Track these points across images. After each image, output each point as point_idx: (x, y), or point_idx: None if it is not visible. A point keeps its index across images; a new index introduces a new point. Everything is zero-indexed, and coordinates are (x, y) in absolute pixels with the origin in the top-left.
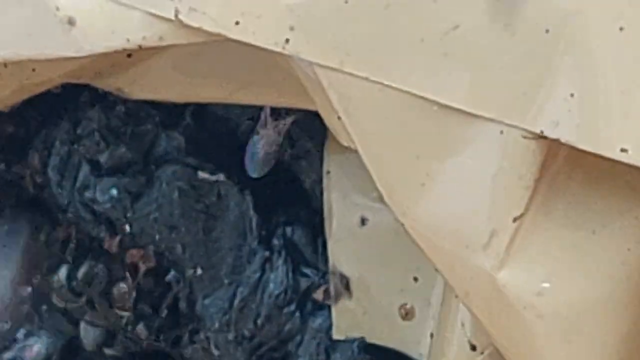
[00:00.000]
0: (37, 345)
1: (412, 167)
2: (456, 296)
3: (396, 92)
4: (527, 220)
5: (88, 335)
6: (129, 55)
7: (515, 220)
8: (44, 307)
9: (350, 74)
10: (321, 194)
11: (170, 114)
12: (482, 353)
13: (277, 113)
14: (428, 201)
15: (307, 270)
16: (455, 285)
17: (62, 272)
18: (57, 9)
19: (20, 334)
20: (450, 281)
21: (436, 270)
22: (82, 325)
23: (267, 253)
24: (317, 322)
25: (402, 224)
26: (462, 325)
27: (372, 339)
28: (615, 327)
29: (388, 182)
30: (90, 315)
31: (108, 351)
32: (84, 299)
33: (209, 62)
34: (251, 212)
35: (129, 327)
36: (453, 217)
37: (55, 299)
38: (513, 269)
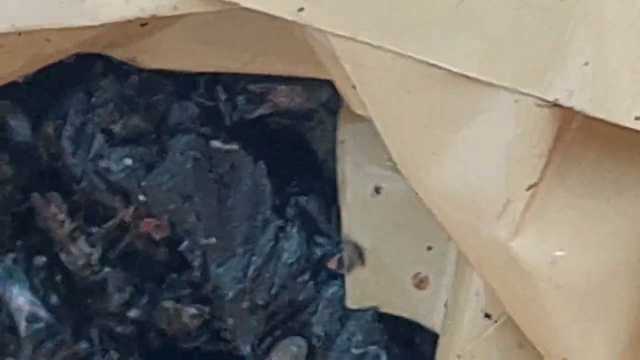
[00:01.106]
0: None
1: (426, 136)
2: (470, 265)
3: (410, 61)
4: (541, 188)
5: (105, 300)
6: (143, 25)
7: (529, 188)
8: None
9: (364, 43)
10: (335, 163)
11: (183, 83)
12: (496, 322)
13: None
14: (442, 170)
15: (320, 240)
16: (469, 255)
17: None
18: None
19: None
20: (464, 250)
21: (450, 239)
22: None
23: (280, 222)
24: (330, 291)
25: (416, 193)
26: (476, 294)
27: (385, 309)
28: (630, 295)
29: (402, 151)
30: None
31: (131, 313)
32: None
33: (223, 31)
34: (265, 181)
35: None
36: (467, 186)
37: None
38: (527, 238)
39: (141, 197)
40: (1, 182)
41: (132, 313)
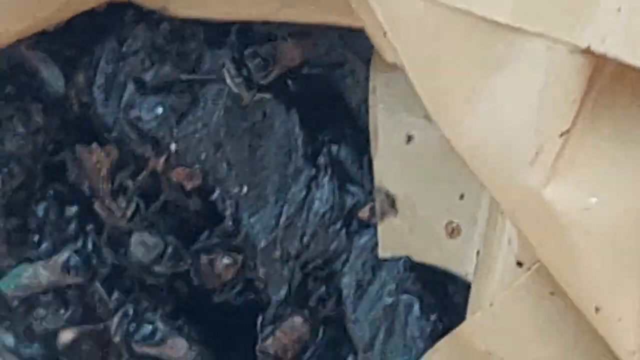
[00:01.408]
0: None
1: (458, 83)
2: (502, 213)
3: (442, 8)
4: (573, 135)
5: (138, 251)
6: None
7: (561, 135)
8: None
9: None
10: (367, 111)
11: (215, 32)
12: (528, 269)
13: None
14: (474, 117)
15: (352, 189)
16: (502, 202)
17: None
18: None
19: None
20: (496, 198)
21: (482, 187)
22: (133, 241)
23: (312, 171)
24: (362, 240)
25: (449, 141)
26: (509, 242)
27: (418, 258)
28: None
29: (434, 98)
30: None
31: (162, 265)
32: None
33: None
34: (297, 130)
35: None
36: (499, 133)
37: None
38: (559, 185)
39: (172, 147)
40: (33, 132)
41: (164, 264)
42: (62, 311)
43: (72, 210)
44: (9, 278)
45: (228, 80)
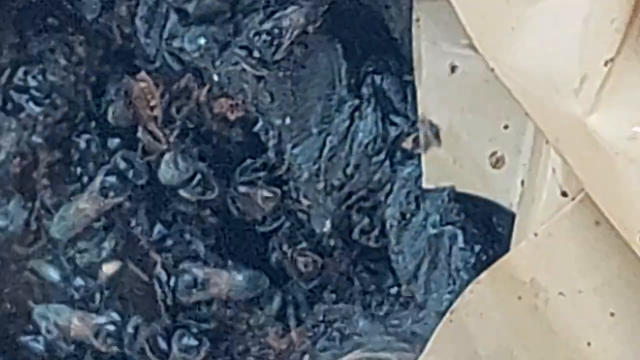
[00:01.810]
0: None
1: (503, 11)
2: (547, 142)
3: None
4: (618, 63)
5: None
6: None
7: (606, 64)
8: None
9: None
10: (410, 41)
11: None
12: (573, 199)
13: None
14: (518, 46)
15: (396, 119)
16: (546, 131)
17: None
18: None
19: None
20: (540, 127)
21: (527, 116)
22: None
23: (356, 102)
24: (406, 171)
25: (493, 70)
26: (553, 171)
27: (462, 188)
28: None
29: (478, 27)
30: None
31: (205, 196)
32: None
33: None
34: (340, 60)
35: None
36: (544, 62)
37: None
38: (604, 114)
39: (215, 77)
40: (75, 63)
41: (190, 190)
42: (105, 244)
43: (114, 142)
44: (56, 224)
45: None
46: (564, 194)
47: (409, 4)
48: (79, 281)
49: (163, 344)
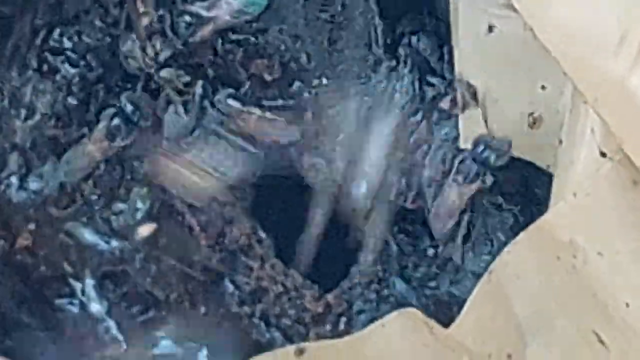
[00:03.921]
0: None
1: None
2: (585, 102)
3: None
4: None
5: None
6: None
7: None
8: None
9: None
10: (447, 2)
11: None
12: (611, 159)
13: None
14: (558, 4)
15: (433, 80)
16: (585, 91)
17: None
18: None
19: None
20: (579, 87)
21: (565, 76)
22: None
23: (392, 62)
24: (443, 131)
25: (531, 29)
26: (591, 131)
27: None
28: None
29: None
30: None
31: None
32: None
33: None
34: (376, 21)
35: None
36: (583, 21)
37: None
38: None
39: (252, 39)
40: (110, 25)
41: None
42: (140, 205)
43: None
44: (62, 166)
45: None
46: (603, 154)
47: None
48: (115, 242)
49: None
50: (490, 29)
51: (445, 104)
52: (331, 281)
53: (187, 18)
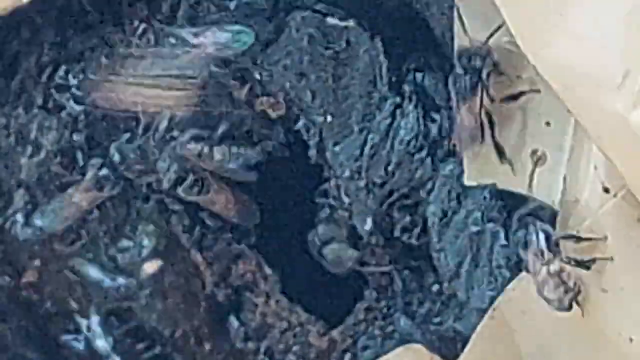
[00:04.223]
0: None
1: (544, 7)
2: (589, 139)
3: None
4: None
5: None
6: None
7: None
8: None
9: None
10: (452, 39)
11: None
12: (615, 196)
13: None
14: (560, 42)
15: (437, 116)
16: (588, 127)
17: None
18: None
19: None
20: (582, 123)
21: (568, 113)
22: None
23: (397, 99)
24: (447, 168)
25: (534, 66)
26: (595, 168)
27: (503, 185)
28: None
29: (520, 23)
30: None
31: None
32: None
33: None
34: (381, 58)
35: None
36: (586, 58)
37: None
38: None
39: (256, 75)
40: None
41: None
42: (146, 242)
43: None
44: (46, 216)
45: None
46: (606, 191)
47: (451, 1)
48: (120, 279)
49: None
50: (495, 65)
51: (449, 141)
52: (336, 317)
53: (172, 40)
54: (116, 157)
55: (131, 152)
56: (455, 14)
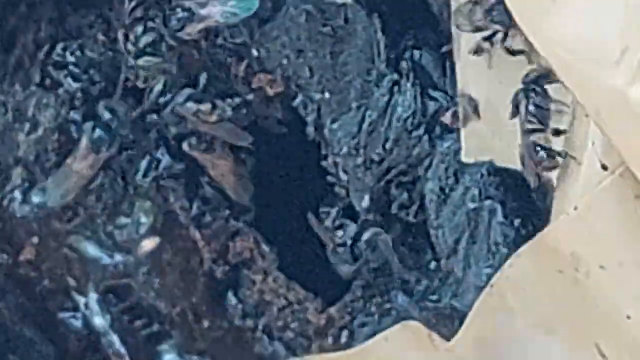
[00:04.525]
0: None
1: None
2: (586, 115)
3: None
4: None
5: None
6: None
7: None
8: None
9: None
10: (449, 16)
11: None
12: (613, 172)
13: None
14: (559, 18)
15: (435, 94)
16: (586, 104)
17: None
18: None
19: None
20: (580, 99)
21: (566, 89)
22: None
23: (395, 76)
24: (445, 145)
25: (532, 43)
26: (593, 144)
27: (501, 162)
28: None
29: (518, 0)
30: None
31: None
32: None
33: None
34: (379, 35)
35: None
36: (584, 34)
37: None
38: None
39: (254, 52)
40: (113, 39)
41: None
42: (143, 219)
43: (152, 118)
44: (49, 190)
45: None
46: (604, 167)
47: None
48: (117, 257)
49: None
50: (492, 43)
51: (447, 117)
52: (333, 294)
53: (180, 13)
54: (106, 116)
55: (120, 107)
56: None
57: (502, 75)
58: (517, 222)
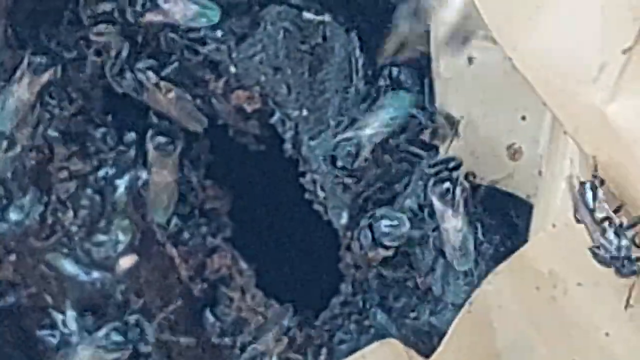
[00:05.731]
0: None
1: (521, 0)
2: (565, 133)
3: None
4: (636, 52)
5: None
6: None
7: (624, 52)
8: None
9: None
10: (427, 33)
11: None
12: None
13: None
14: (537, 35)
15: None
16: (564, 121)
17: None
18: None
19: None
20: (559, 117)
21: (544, 107)
22: None
23: (373, 94)
24: (424, 162)
25: (511, 60)
26: (571, 162)
27: (479, 180)
28: None
29: (497, 17)
30: None
31: None
32: None
33: None
34: (357, 52)
35: None
36: (562, 51)
37: None
38: (623, 102)
39: (232, 69)
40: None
41: None
42: (121, 237)
43: (131, 136)
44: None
45: None
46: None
47: None
48: (95, 274)
49: None
50: (470, 60)
51: (425, 135)
52: (312, 312)
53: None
54: (45, 41)
55: (63, 32)
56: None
57: (482, 94)
58: (495, 239)
